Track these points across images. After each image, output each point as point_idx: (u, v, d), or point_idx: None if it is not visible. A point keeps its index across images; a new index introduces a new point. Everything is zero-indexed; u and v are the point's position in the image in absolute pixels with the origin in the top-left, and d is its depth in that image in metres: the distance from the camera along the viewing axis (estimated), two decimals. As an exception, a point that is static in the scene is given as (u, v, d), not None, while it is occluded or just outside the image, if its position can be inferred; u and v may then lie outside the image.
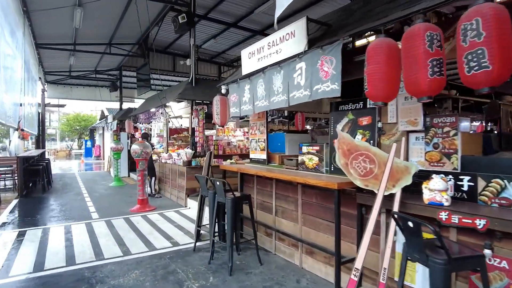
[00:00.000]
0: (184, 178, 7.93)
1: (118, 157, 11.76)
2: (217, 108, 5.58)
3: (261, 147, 5.33)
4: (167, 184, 9.19)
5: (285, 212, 4.54)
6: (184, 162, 7.91)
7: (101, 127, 28.90)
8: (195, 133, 8.02)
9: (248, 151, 9.17)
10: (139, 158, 7.58)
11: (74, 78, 17.46)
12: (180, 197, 8.25)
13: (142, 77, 12.91)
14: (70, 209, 7.78)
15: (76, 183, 12.18)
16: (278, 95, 4.10)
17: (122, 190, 10.61)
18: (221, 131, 9.11)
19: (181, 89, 7.78)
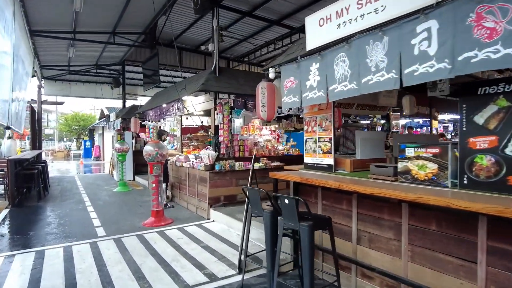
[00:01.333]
0: (206, 185, 6.58)
1: (123, 159, 10.37)
2: (263, 98, 4.24)
3: (325, 149, 3.98)
4: (182, 191, 7.82)
5: (376, 240, 3.20)
6: (206, 166, 6.56)
7: (100, 126, 27.46)
8: (218, 132, 6.66)
9: (277, 152, 7.85)
10: (154, 162, 6.22)
11: (73, 73, 16.02)
12: (200, 207, 6.88)
13: (148, 71, 11.52)
14: (70, 223, 6.39)
15: (76, 188, 10.76)
16: (379, 72, 2.77)
17: (129, 197, 9.23)
18: (245, 130, 7.77)
19: (203, 79, 6.42)
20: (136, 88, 18.97)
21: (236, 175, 6.85)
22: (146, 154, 6.22)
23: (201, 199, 6.83)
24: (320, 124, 4.07)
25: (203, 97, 7.31)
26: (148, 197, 9.01)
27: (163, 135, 7.78)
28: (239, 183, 6.91)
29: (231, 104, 6.66)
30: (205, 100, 7.13)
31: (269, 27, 12.62)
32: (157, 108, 8.76)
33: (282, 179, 4.27)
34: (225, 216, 6.12)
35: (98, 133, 29.32)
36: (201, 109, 7.20)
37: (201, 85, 6.22)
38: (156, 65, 10.47)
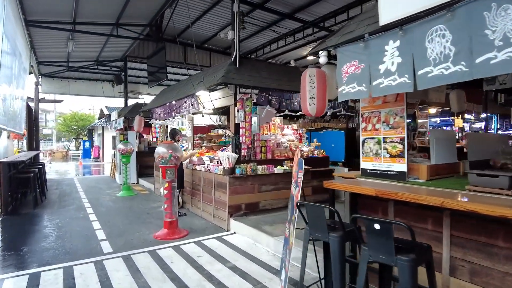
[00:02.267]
0: (226, 191, 5.75)
1: (128, 161, 9.52)
2: (311, 88, 3.42)
3: (393, 152, 3.16)
4: (195, 197, 6.99)
5: (482, 273, 2.39)
6: (225, 170, 5.73)
7: (100, 126, 26.57)
8: (239, 131, 5.83)
9: (301, 154, 7.01)
10: (167, 165, 5.38)
11: (72, 70, 15.13)
12: (218, 216, 6.05)
13: (153, 67, 10.68)
14: (70, 235, 5.54)
15: (76, 193, 9.89)
16: (507, 48, 1.96)
17: (134, 202, 8.37)
18: (266, 129, 6.95)
19: (223, 71, 5.59)
20: (138, 86, 18.12)
21: (258, 180, 6.03)
22: (159, 156, 5.38)
23: (219, 207, 5.99)
24: (386, 120, 3.25)
25: (219, 93, 6.49)
26: (155, 203, 8.19)
27: (176, 135, 6.96)
28: (261, 189, 6.09)
29: (254, 99, 5.84)
30: (222, 95, 6.30)
31: (279, 21, 11.84)
32: (165, 105, 7.92)
33: (334, 188, 3.43)
34: (249, 227, 5.29)
35: (97, 133, 28.41)
36: (218, 105, 6.36)
37: (221, 77, 5.38)
38: (163, 60, 9.63)
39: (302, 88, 3.53)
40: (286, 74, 6.52)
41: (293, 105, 6.22)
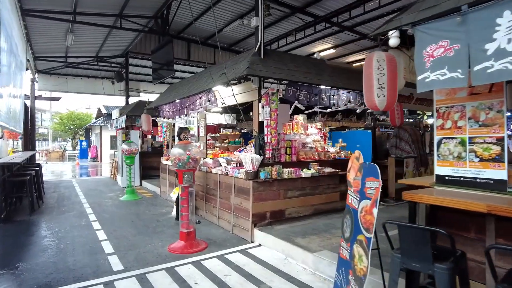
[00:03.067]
0: (249, 197, 5.08)
1: (132, 162, 8.82)
2: (381, 76, 2.78)
3: (486, 155, 2.53)
4: (210, 202, 6.32)
5: None
6: (248, 174, 5.06)
7: (98, 126, 25.78)
8: (263, 130, 5.18)
9: (328, 155, 6.38)
10: (185, 168, 4.71)
11: (70, 67, 14.38)
12: (238, 226, 5.38)
13: (158, 63, 9.98)
14: (73, 248, 4.84)
15: (75, 196, 9.17)
16: None
17: (140, 207, 7.68)
18: (288, 128, 6.30)
19: (247, 62, 4.93)
20: (139, 84, 17.40)
21: (284, 185, 5.38)
22: (175, 159, 4.71)
23: (240, 215, 5.33)
24: (475, 116, 2.61)
25: (238, 87, 5.83)
26: (164, 208, 7.51)
27: (181, 134, 6.29)
28: (287, 195, 5.44)
29: (280, 94, 5.18)
30: (243, 90, 5.63)
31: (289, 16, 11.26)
32: (175, 102, 7.23)
33: (420, 201, 2.77)
34: (277, 240, 4.63)
35: (95, 132, 27.60)
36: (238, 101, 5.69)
37: (246, 69, 4.72)
38: (170, 54, 8.95)
39: (366, 77, 2.88)
40: (313, 67, 5.87)
41: (322, 101, 5.57)
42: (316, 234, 4.79)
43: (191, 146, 4.84)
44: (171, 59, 8.89)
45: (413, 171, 7.24)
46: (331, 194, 6.01)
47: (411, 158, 7.18)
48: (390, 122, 6.61)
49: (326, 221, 5.50)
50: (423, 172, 7.46)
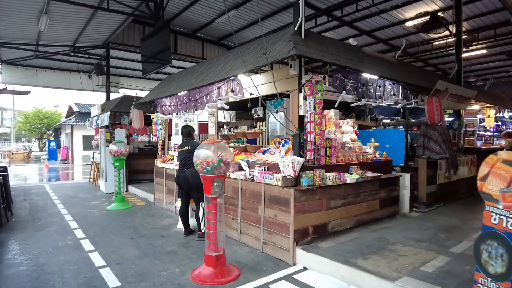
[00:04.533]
0: (289, 210, 4.08)
1: (121, 166, 7.52)
2: None
3: None
4: (228, 214, 5.22)
5: None
6: (288, 180, 4.06)
7: (69, 125, 23.58)
8: (304, 126, 4.20)
9: (365, 157, 5.47)
10: (214, 175, 3.63)
11: (41, 57, 12.65)
12: (272, 243, 4.35)
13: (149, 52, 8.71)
14: (61, 283, 3.60)
15: (52, 206, 7.70)
16: None
17: (135, 219, 6.42)
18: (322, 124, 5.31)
19: (288, 42, 3.93)
20: (119, 78, 15.85)
21: (327, 193, 4.43)
22: (202, 162, 3.62)
23: (275, 230, 4.30)
24: None
25: (264, 76, 4.82)
26: (163, 219, 6.31)
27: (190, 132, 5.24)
28: (330, 205, 4.49)
29: (325, 83, 4.22)
30: (272, 79, 4.61)
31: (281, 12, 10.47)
32: (177, 95, 6.07)
33: None
34: (332, 262, 3.67)
35: (65, 132, 25.31)
36: (267, 92, 4.68)
37: (292, 48, 3.71)
38: (166, 41, 7.76)
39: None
40: (353, 54, 4.97)
41: (369, 92, 4.69)
42: (375, 253, 3.88)
43: (221, 146, 3.76)
44: (167, 46, 7.68)
45: (445, 174, 6.55)
46: (372, 202, 5.14)
47: (443, 159, 6.47)
48: (428, 119, 5.85)
49: (374, 235, 4.60)
50: (453, 174, 6.80)
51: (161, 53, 7.94)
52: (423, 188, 6.36)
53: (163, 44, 7.82)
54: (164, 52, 7.78)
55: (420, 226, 5.08)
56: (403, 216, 5.77)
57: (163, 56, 7.86)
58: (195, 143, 5.26)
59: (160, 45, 8.02)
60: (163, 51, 7.84)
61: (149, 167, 10.76)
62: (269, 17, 10.99)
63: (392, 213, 5.61)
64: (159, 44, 8.04)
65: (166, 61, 7.72)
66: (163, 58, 7.88)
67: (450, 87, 6.17)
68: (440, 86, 5.89)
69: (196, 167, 3.74)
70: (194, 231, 5.40)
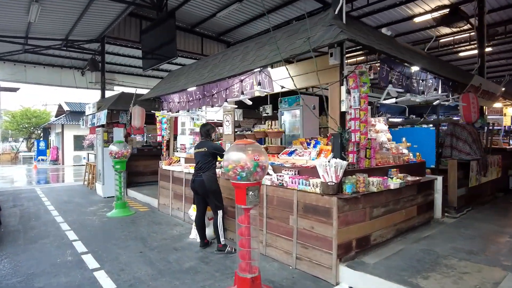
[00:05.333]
0: (331, 221, 3.50)
1: (123, 168, 6.83)
2: None
3: None
4: (249, 222, 4.61)
5: None
6: (328, 187, 3.48)
7: (59, 124, 22.57)
8: (345, 124, 3.63)
9: (402, 159, 4.92)
10: (250, 182, 3.02)
11: (31, 52, 11.77)
12: (308, 259, 3.77)
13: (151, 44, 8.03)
14: (67, 313, 2.95)
15: (46, 213, 6.95)
16: None
17: (140, 228, 5.76)
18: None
19: (330, 26, 3.35)
20: (113, 75, 14.98)
21: (370, 200, 3.87)
22: (236, 166, 3.00)
23: (312, 244, 3.72)
24: None
25: (295, 67, 4.22)
26: (172, 227, 5.64)
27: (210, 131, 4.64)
28: (372, 214, 3.93)
29: (370, 74, 3.66)
30: (305, 70, 4.02)
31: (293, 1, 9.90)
32: (190, 90, 5.42)
33: None
34: (388, 282, 3.11)
35: (55, 132, 24.26)
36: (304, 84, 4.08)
37: (340, 33, 3.14)
38: (171, 32, 7.09)
39: None
40: (390, 43, 4.42)
41: (412, 86, 4.14)
42: (433, 270, 3.34)
43: (257, 147, 3.16)
44: (172, 37, 7.01)
45: (476, 176, 6.08)
46: (410, 208, 4.61)
47: (474, 160, 6.00)
48: (464, 117, 5.35)
49: (418, 246, 4.07)
50: (483, 176, 6.33)
51: (165, 46, 7.27)
52: (454, 192, 5.86)
53: (168, 36, 7.15)
54: (169, 45, 7.11)
55: (462, 235, 4.58)
56: (436, 222, 5.27)
57: (167, 49, 7.19)
58: (213, 144, 4.64)
59: (163, 38, 7.35)
60: (168, 43, 7.16)
61: (149, 169, 10.09)
62: (273, 11, 10.41)
63: (427, 219, 5.10)
64: (163, 36, 7.36)
65: (171, 54, 7.05)
66: (167, 52, 7.21)
67: (484, 83, 5.69)
68: (475, 82, 5.41)
69: (227, 173, 3.12)
70: (211, 243, 4.78)
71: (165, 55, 7.36)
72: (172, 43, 7.04)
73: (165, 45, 7.31)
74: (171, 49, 7.09)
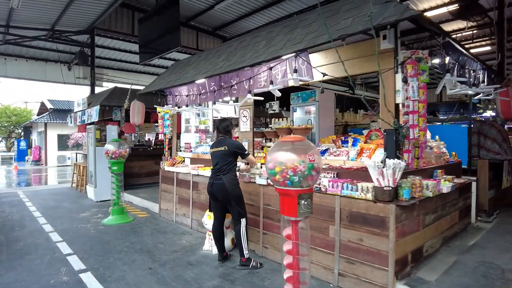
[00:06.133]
0: (387, 233, 2.94)
1: (120, 169, 6.10)
2: None
3: None
4: (272, 232, 4.03)
5: None
6: (384, 192, 2.92)
7: (42, 123, 21.28)
8: (399, 118, 3.08)
9: (443, 159, 4.41)
10: (302, 188, 2.42)
11: (12, 43, 10.76)
12: (356, 276, 3.20)
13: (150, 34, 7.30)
14: None
15: (32, 220, 6.13)
16: None
17: (144, 238, 5.05)
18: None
19: (394, 2, 2.80)
20: (102, 70, 14.08)
21: (424, 207, 3.34)
22: (285, 169, 2.39)
23: (360, 259, 3.15)
24: None
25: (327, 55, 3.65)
26: (180, 236, 4.92)
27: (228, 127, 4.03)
28: (425, 221, 3.40)
29: (428, 60, 3.12)
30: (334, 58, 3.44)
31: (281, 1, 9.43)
32: (201, 81, 4.77)
33: None
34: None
35: (37, 131, 22.93)
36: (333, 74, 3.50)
37: (405, 10, 2.58)
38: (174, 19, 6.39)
39: None
40: (438, 29, 3.90)
41: (465, 75, 3.63)
42: None
43: (308, 145, 2.56)
44: (175, 25, 6.32)
45: (507, 177, 5.67)
46: (454, 213, 4.12)
47: (507, 160, 5.59)
48: (502, 114, 4.92)
49: (472, 258, 3.58)
50: (510, 177, 5.94)
51: (167, 35, 6.55)
52: (484, 194, 5.42)
53: (170, 24, 6.45)
54: (172, 34, 6.40)
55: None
56: (473, 227, 4.81)
57: (170, 39, 6.48)
58: (234, 142, 4.02)
59: (165, 27, 6.63)
60: (171, 32, 6.45)
61: (144, 170, 9.34)
62: (274, 5, 9.86)
63: (465, 225, 4.64)
64: (164, 24, 6.65)
65: (175, 45, 6.34)
66: (170, 42, 6.50)
67: (517, 77, 5.28)
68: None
69: (273, 177, 2.50)
70: (230, 255, 4.15)
71: (166, 46, 6.64)
72: (176, 32, 6.34)
73: (167, 34, 6.60)
74: (175, 38, 6.38)
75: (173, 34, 6.47)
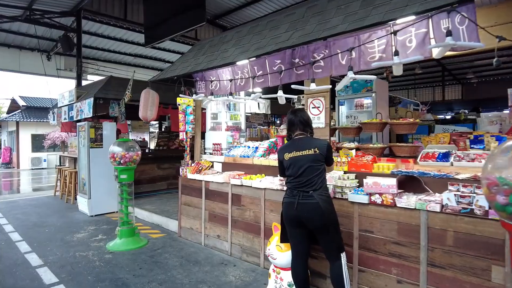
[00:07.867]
0: None
1: (130, 179, 4.68)
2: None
3: None
4: (376, 269, 2.79)
5: None
6: None
7: (13, 121, 18.94)
8: None
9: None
10: None
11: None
12: None
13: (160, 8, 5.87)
14: None
15: (9, 246, 4.54)
16: None
17: (170, 270, 3.67)
18: None
19: None
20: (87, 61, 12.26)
21: None
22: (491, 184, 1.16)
23: None
24: None
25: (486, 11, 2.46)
26: (222, 270, 3.46)
27: (310, 124, 2.80)
28: None
29: None
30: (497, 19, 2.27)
31: None
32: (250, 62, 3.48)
33: None
34: None
35: (7, 130, 20.50)
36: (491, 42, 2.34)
37: None
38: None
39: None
40: None
41: None
42: None
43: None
44: None
45: None
46: None
47: None
48: None
49: None
50: None
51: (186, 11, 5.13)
52: None
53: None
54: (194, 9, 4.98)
55: None
56: None
57: (190, 15, 5.06)
58: (323, 141, 2.75)
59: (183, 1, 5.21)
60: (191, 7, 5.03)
61: (145, 175, 7.84)
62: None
63: None
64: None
65: (198, 19, 4.95)
66: (190, 18, 5.08)
67: None
68: None
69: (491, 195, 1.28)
70: (315, 304, 2.89)
71: (185, 23, 5.23)
72: (200, 6, 4.93)
73: (186, 11, 5.19)
74: (198, 13, 4.99)
75: (195, 9, 5.08)
